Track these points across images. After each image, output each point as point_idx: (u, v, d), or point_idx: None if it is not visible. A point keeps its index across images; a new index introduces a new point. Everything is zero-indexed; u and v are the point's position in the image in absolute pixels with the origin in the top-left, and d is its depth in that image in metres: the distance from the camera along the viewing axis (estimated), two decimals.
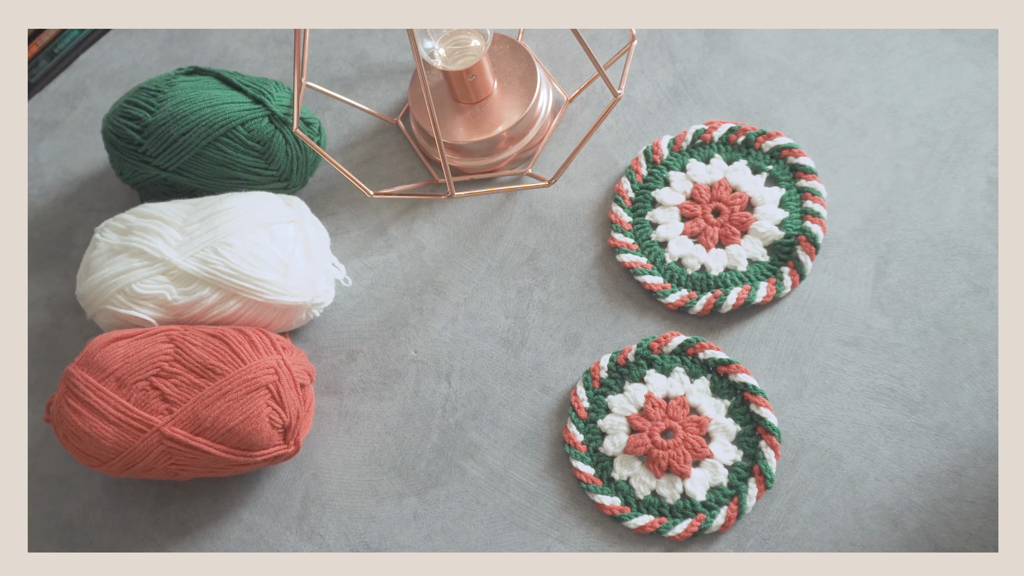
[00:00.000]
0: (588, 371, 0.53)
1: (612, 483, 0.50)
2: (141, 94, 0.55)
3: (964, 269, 0.52)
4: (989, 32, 0.58)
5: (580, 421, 0.52)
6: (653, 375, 0.52)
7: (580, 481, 0.50)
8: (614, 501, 0.50)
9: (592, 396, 0.52)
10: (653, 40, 0.61)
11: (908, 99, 0.57)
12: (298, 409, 0.49)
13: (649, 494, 0.50)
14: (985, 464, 0.48)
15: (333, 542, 0.52)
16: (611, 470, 0.51)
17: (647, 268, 0.54)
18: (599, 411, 0.52)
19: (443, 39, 0.56)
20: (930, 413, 0.49)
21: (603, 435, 0.51)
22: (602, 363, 0.53)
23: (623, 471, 0.50)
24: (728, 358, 0.51)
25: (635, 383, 0.52)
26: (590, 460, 0.51)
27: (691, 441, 0.50)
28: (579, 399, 0.52)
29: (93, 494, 0.54)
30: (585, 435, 0.52)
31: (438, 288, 0.57)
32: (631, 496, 0.50)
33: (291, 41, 0.66)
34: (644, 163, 0.57)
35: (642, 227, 0.56)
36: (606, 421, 0.51)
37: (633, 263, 0.54)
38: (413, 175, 0.60)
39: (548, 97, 0.59)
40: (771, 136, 0.56)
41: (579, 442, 0.51)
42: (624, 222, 0.56)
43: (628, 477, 0.50)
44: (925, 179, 0.55)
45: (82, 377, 0.48)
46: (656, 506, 0.50)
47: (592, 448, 0.51)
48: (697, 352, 0.52)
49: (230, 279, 0.50)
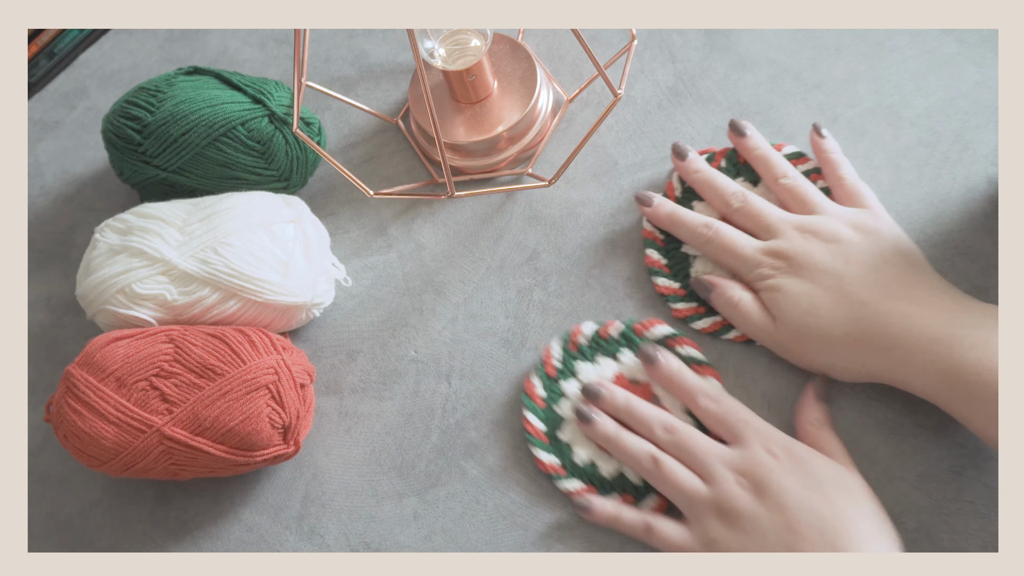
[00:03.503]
0: (568, 333, 0.53)
1: (575, 468, 0.51)
2: (141, 94, 0.55)
3: (964, 269, 0.52)
4: (989, 32, 0.58)
5: (544, 377, 0.53)
6: (628, 356, 0.53)
7: (544, 472, 0.51)
8: (580, 485, 0.50)
9: (564, 357, 0.53)
10: (653, 40, 0.61)
11: (908, 99, 0.57)
12: (298, 409, 0.49)
13: (615, 475, 0.50)
14: (985, 464, 0.48)
15: (333, 542, 0.52)
16: (572, 455, 0.51)
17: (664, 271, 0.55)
18: (567, 374, 0.52)
19: (443, 39, 0.56)
20: (930, 413, 0.49)
21: (562, 396, 0.52)
22: (584, 329, 0.53)
23: (583, 454, 0.51)
24: (704, 360, 0.52)
25: (607, 358, 0.53)
26: (552, 449, 0.51)
27: None
28: (550, 356, 0.53)
29: (93, 494, 0.55)
30: (546, 424, 0.52)
31: (438, 288, 0.57)
32: (596, 478, 0.50)
33: (291, 41, 0.66)
34: None
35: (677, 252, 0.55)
36: (570, 384, 0.52)
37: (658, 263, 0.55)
38: (413, 175, 0.60)
39: (548, 97, 0.59)
40: None
41: (541, 432, 0.51)
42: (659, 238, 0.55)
43: (593, 460, 0.51)
44: (925, 179, 0.55)
45: (82, 377, 0.48)
46: (622, 485, 0.50)
47: (553, 435, 0.51)
48: (675, 346, 0.52)
49: (230, 279, 0.50)
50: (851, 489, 0.45)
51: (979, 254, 0.53)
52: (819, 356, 0.48)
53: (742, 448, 0.47)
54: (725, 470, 0.46)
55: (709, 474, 0.46)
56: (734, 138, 0.55)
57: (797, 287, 0.49)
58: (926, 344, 0.44)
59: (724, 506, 0.45)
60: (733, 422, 0.48)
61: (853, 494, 0.45)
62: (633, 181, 0.58)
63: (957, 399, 0.43)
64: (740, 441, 0.47)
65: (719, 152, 0.56)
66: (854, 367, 0.47)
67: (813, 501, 0.44)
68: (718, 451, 0.47)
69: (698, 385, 0.50)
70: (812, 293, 0.48)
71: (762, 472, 0.45)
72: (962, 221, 0.54)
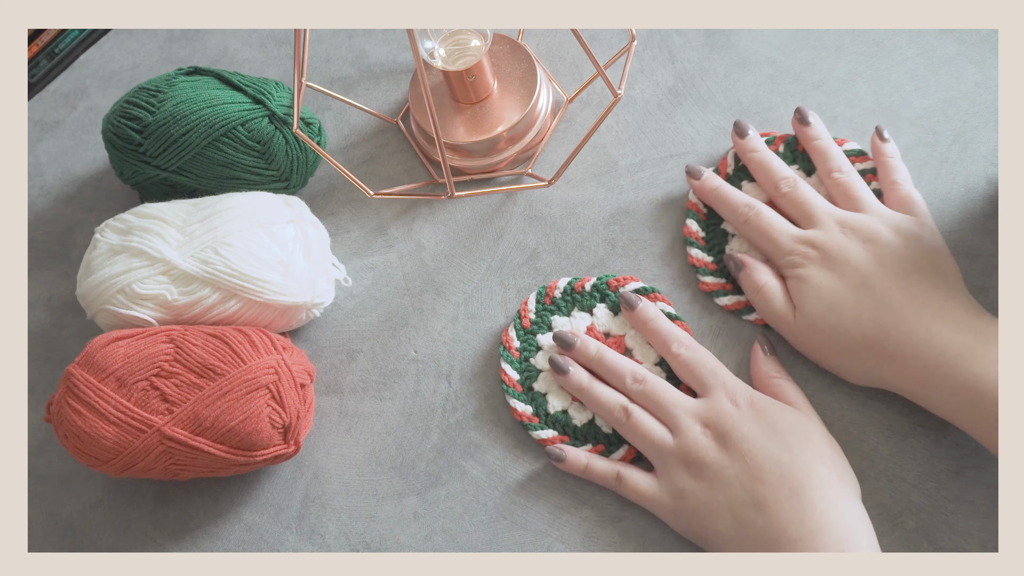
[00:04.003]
0: (545, 287, 0.54)
1: (548, 417, 0.52)
2: (141, 94, 0.55)
3: (964, 269, 0.52)
4: (989, 32, 0.58)
5: (520, 330, 0.54)
6: (601, 310, 0.54)
7: (519, 420, 0.52)
8: (552, 434, 0.51)
9: (539, 310, 0.54)
10: (653, 40, 0.61)
11: (908, 99, 0.57)
12: (298, 409, 0.49)
13: (586, 424, 0.51)
14: (985, 464, 0.48)
15: (333, 542, 0.52)
16: (546, 405, 0.52)
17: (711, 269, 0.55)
18: (542, 327, 0.54)
19: (443, 39, 0.56)
20: (929, 413, 0.49)
21: (538, 350, 0.53)
22: (559, 283, 0.54)
23: (556, 404, 0.52)
24: (676, 315, 0.53)
25: (582, 312, 0.54)
26: (527, 399, 0.52)
27: None
28: (527, 310, 0.54)
29: (93, 494, 0.55)
30: (521, 374, 0.53)
31: (438, 288, 0.57)
32: (568, 427, 0.51)
33: (291, 41, 0.66)
34: None
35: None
36: (545, 337, 0.53)
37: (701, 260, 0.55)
38: (413, 175, 0.60)
39: (548, 97, 0.59)
40: None
41: (516, 381, 0.53)
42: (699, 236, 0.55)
43: (565, 409, 0.52)
44: (925, 179, 0.55)
45: (82, 377, 0.48)
46: (593, 435, 0.51)
47: (527, 386, 0.53)
48: (651, 302, 0.54)
49: (230, 279, 0.50)
50: (810, 435, 0.46)
51: (979, 254, 0.53)
52: (833, 354, 0.48)
53: (708, 399, 0.48)
54: (691, 420, 0.48)
55: (676, 425, 0.48)
56: (797, 126, 0.55)
57: (825, 280, 0.49)
58: (945, 358, 0.44)
59: (690, 456, 0.47)
60: (701, 371, 0.49)
61: (812, 439, 0.46)
62: (633, 181, 0.58)
63: (972, 415, 0.44)
64: (707, 391, 0.49)
65: (779, 137, 0.56)
66: (867, 372, 0.48)
67: (773, 448, 0.45)
68: (685, 402, 0.48)
69: (672, 332, 0.51)
70: (838, 288, 0.48)
71: (725, 422, 0.47)
72: (962, 221, 0.54)
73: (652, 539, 0.49)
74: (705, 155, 0.58)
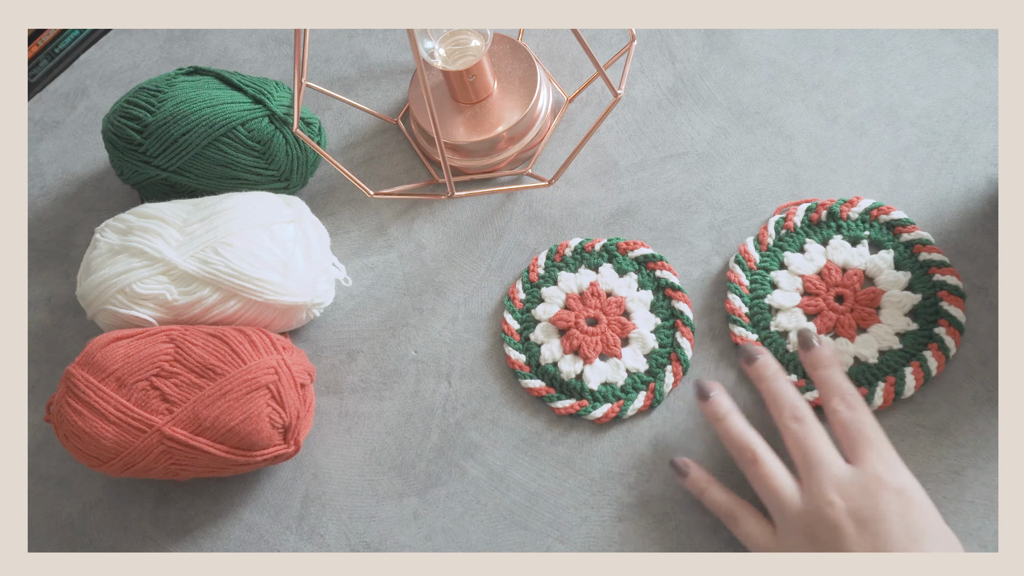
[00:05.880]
0: (557, 245, 0.56)
1: (539, 368, 0.53)
2: (141, 94, 0.55)
3: (964, 269, 0.52)
4: (989, 32, 0.58)
5: (527, 283, 0.55)
6: (607, 269, 0.55)
7: (511, 368, 0.53)
8: (540, 384, 0.52)
9: (548, 266, 0.55)
10: (653, 40, 0.61)
11: (908, 99, 0.57)
12: (298, 409, 0.49)
13: (573, 379, 0.52)
14: (985, 464, 0.48)
15: (333, 542, 0.52)
16: (539, 355, 0.53)
17: None
18: (548, 281, 0.55)
19: (443, 39, 0.56)
20: (930, 413, 0.49)
21: (540, 302, 0.54)
22: (570, 243, 0.56)
23: (548, 356, 0.53)
24: (680, 287, 0.54)
25: (589, 270, 0.55)
26: (521, 348, 0.54)
27: (612, 332, 0.53)
28: (536, 265, 0.55)
29: (93, 494, 0.55)
30: (521, 324, 0.55)
31: (438, 288, 0.57)
32: (556, 380, 0.52)
33: (291, 41, 0.66)
34: (745, 268, 0.54)
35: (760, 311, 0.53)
36: (549, 289, 0.55)
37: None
38: (413, 175, 0.60)
39: (548, 97, 0.59)
40: (853, 203, 0.54)
41: (515, 331, 0.54)
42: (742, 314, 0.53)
43: (556, 362, 0.53)
44: (925, 179, 0.55)
45: (82, 377, 0.48)
46: (579, 390, 0.52)
47: (525, 336, 0.54)
48: (655, 269, 0.54)
49: (230, 279, 0.50)
50: (944, 544, 0.42)
51: (979, 254, 0.53)
52: None
53: (858, 469, 0.44)
54: (831, 489, 0.43)
55: (812, 487, 0.43)
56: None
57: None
58: None
59: (815, 528, 0.43)
60: (858, 437, 0.45)
61: (935, 517, 0.43)
62: (633, 181, 0.58)
63: None
64: (858, 460, 0.44)
65: (821, 204, 0.54)
66: None
67: (906, 547, 0.41)
68: (834, 466, 0.44)
69: (842, 386, 0.46)
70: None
71: (870, 507, 0.42)
72: (962, 221, 0.54)
73: (652, 539, 0.49)
74: (705, 155, 0.58)
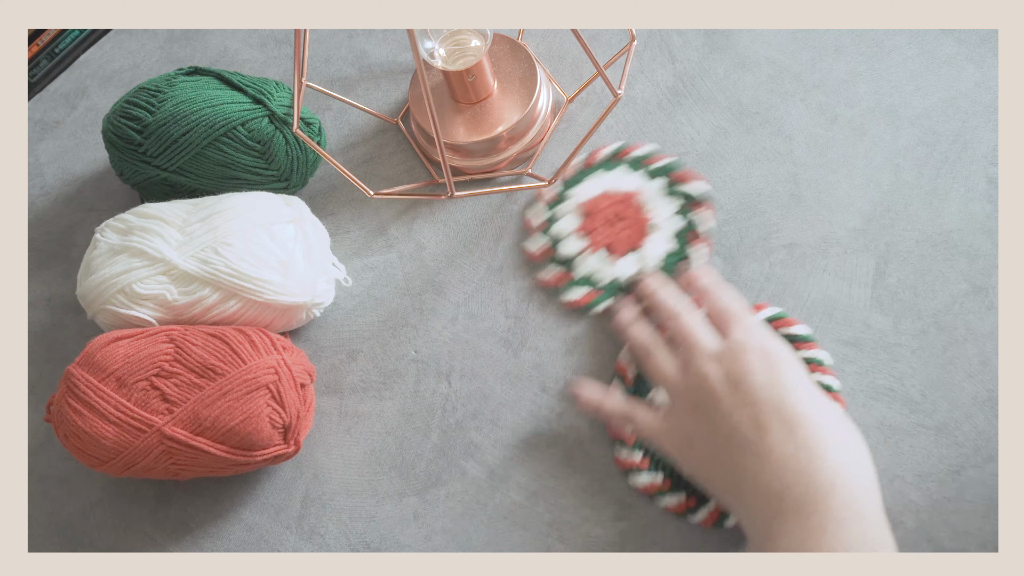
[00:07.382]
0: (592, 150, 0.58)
1: (556, 255, 0.55)
2: (141, 94, 0.55)
3: (964, 269, 0.52)
4: (989, 32, 0.58)
5: None
6: (613, 175, 0.57)
7: (530, 259, 0.56)
8: (556, 271, 0.55)
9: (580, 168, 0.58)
10: (653, 40, 0.61)
11: (908, 99, 0.57)
12: (298, 409, 0.49)
13: (585, 276, 0.55)
14: (985, 464, 0.48)
15: (333, 542, 0.52)
16: (559, 246, 0.56)
17: None
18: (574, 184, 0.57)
19: (443, 39, 0.56)
20: (930, 413, 0.50)
21: (564, 200, 0.57)
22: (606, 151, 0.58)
23: (570, 247, 0.55)
24: (699, 197, 0.56)
25: (608, 173, 0.57)
26: (544, 237, 0.56)
27: (633, 231, 0.55)
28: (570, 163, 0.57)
29: (93, 494, 0.55)
30: (548, 217, 0.57)
31: (438, 288, 0.57)
32: (571, 266, 0.55)
33: (291, 41, 0.66)
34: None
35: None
36: (574, 190, 0.57)
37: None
38: (413, 175, 0.60)
39: (548, 97, 0.59)
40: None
41: (544, 221, 0.56)
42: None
43: (574, 255, 0.55)
44: (925, 179, 0.55)
45: (82, 377, 0.48)
46: (592, 282, 0.55)
47: (549, 228, 0.56)
48: (649, 164, 0.57)
49: (230, 279, 0.50)
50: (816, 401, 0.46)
51: (979, 254, 0.53)
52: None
53: (726, 341, 0.48)
54: (705, 362, 0.48)
55: (691, 366, 0.48)
56: None
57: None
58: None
59: (696, 395, 0.47)
60: (724, 315, 0.50)
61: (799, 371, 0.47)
62: None
63: None
64: (727, 334, 0.49)
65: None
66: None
67: (773, 400, 0.45)
68: (706, 344, 0.49)
69: (701, 285, 0.52)
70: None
71: (737, 368, 0.47)
72: (962, 221, 0.54)
73: (652, 539, 0.49)
74: (705, 155, 0.58)
